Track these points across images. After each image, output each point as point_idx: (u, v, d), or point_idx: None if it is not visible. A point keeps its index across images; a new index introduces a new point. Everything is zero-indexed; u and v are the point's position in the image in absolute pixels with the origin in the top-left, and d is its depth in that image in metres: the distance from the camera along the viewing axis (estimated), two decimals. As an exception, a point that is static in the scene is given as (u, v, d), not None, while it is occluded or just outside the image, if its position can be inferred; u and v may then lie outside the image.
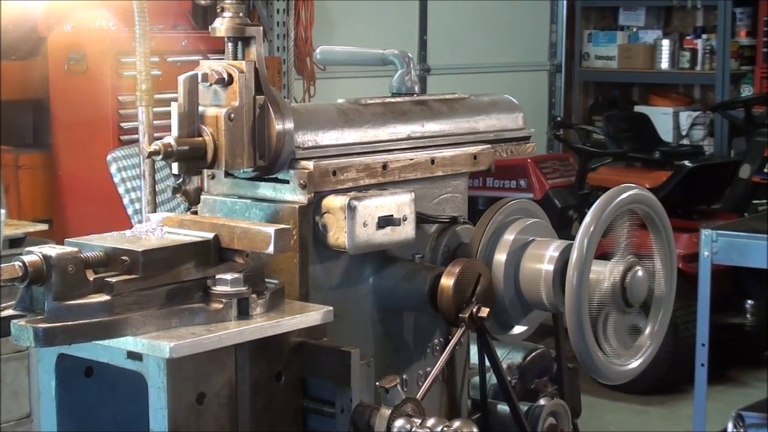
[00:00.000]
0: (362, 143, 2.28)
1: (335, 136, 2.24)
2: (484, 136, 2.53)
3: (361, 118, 2.31)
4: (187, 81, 2.05)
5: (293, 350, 2.06)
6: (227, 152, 2.07)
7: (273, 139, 2.12)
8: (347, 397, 2.03)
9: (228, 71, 2.08)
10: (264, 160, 2.13)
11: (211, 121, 2.07)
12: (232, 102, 2.08)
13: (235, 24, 2.11)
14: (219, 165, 2.08)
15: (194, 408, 1.91)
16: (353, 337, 2.21)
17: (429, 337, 2.42)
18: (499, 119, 2.58)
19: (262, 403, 2.01)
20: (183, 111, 2.05)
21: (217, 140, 2.07)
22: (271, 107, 2.13)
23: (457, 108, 2.52)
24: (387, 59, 2.52)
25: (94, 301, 1.89)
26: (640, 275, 2.38)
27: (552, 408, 2.46)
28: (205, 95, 2.10)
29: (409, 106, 2.43)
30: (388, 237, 2.21)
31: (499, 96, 2.65)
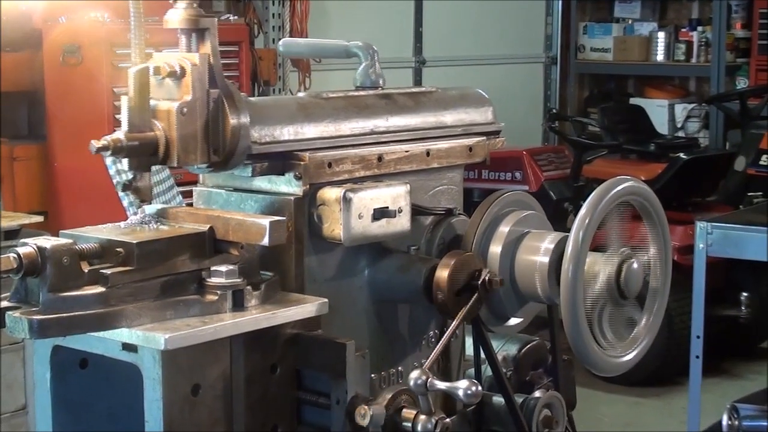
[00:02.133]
0: (323, 138, 2.22)
1: (294, 130, 2.18)
2: (451, 131, 2.48)
3: (322, 111, 2.25)
4: (139, 74, 1.99)
5: (288, 342, 2.06)
6: (180, 147, 2.00)
7: (228, 133, 2.05)
8: (342, 389, 2.03)
9: (180, 64, 2.02)
10: (218, 156, 2.06)
11: (162, 116, 2.01)
12: (184, 96, 2.01)
13: (189, 15, 2.06)
14: (171, 160, 2.02)
15: (189, 399, 1.91)
16: (348, 329, 2.20)
17: (424, 329, 2.42)
18: (467, 113, 2.53)
19: (257, 394, 2.01)
20: (134, 105, 1.99)
21: (169, 135, 2.01)
22: (226, 101, 2.05)
23: (424, 102, 2.47)
24: (351, 51, 2.46)
25: (89, 293, 1.89)
26: (635, 267, 2.38)
27: (547, 400, 2.46)
28: (157, 89, 2.03)
29: (373, 99, 2.38)
30: (383, 229, 2.21)
31: (468, 89, 2.60)
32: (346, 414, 2.02)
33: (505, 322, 2.46)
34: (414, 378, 2.09)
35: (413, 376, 2.09)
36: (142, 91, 2.00)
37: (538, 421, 2.44)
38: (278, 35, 6.35)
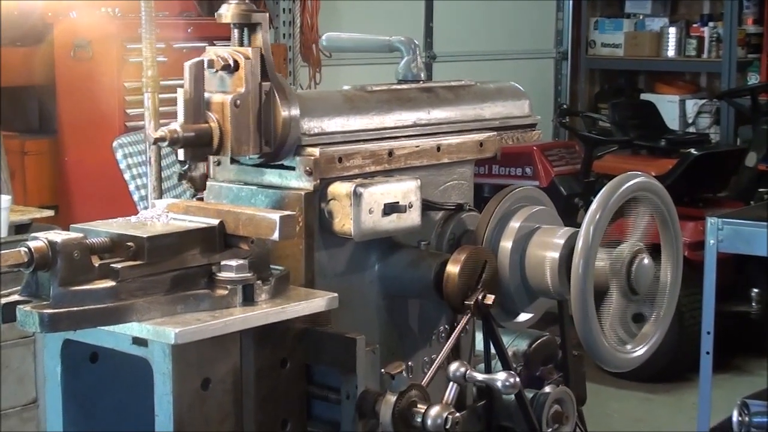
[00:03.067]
0: (368, 130, 2.27)
1: (341, 122, 2.23)
2: (489, 124, 2.52)
3: (367, 105, 2.30)
4: (193, 67, 2.04)
5: (298, 337, 2.06)
6: (233, 139, 2.06)
7: (279, 125, 2.12)
8: (352, 384, 2.03)
9: (234, 57, 2.07)
10: (270, 147, 2.12)
11: (217, 108, 2.07)
12: (238, 88, 2.07)
13: (242, 10, 2.10)
14: (225, 151, 2.07)
15: (199, 394, 1.91)
16: (358, 324, 2.20)
17: (434, 324, 2.42)
18: (505, 106, 2.57)
19: (267, 389, 2.01)
20: (189, 97, 2.04)
21: (223, 127, 2.06)
22: (278, 94, 2.12)
23: (463, 95, 2.51)
24: (393, 46, 2.51)
25: (100, 287, 1.89)
26: (646, 263, 2.37)
27: (557, 395, 2.45)
28: (211, 82, 2.09)
29: (415, 93, 2.42)
30: (393, 224, 2.21)
31: (505, 83, 2.64)
32: (356, 409, 2.02)
33: (516, 317, 2.46)
34: (453, 369, 2.12)
35: (453, 368, 2.12)
36: (196, 84, 2.05)
37: (548, 416, 2.44)
38: (288, 30, 6.35)
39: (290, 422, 2.05)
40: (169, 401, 1.87)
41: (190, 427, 1.89)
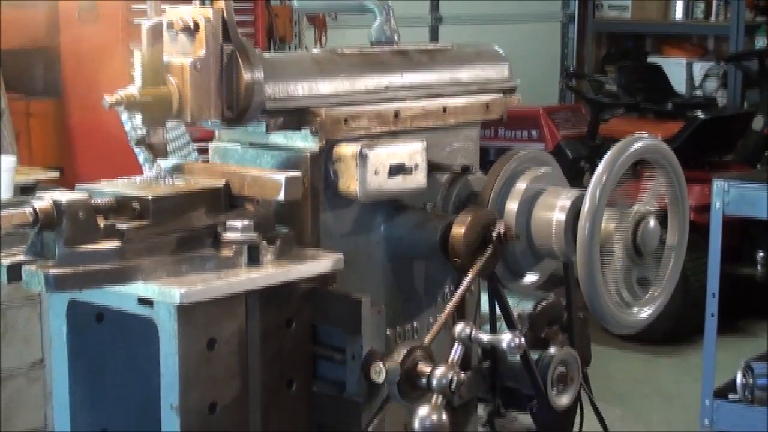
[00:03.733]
0: (337, 94, 2.21)
1: (308, 86, 2.16)
2: (466, 88, 2.46)
3: (337, 68, 2.23)
4: (152, 29, 1.98)
5: (304, 297, 2.06)
6: (193, 103, 1.99)
7: (241, 89, 2.03)
8: (358, 345, 2.03)
9: (194, 19, 2.00)
10: (232, 112, 2.04)
11: (176, 71, 1.99)
12: (198, 51, 1.99)
13: None
14: (185, 116, 2.00)
15: (204, 354, 1.91)
16: (364, 285, 2.20)
17: (440, 285, 2.42)
18: (483, 70, 2.51)
19: (273, 349, 2.01)
20: (147, 60, 1.98)
21: (182, 90, 1.98)
22: (240, 56, 2.03)
23: (439, 58, 2.44)
24: (365, 6, 2.43)
25: (105, 248, 1.89)
26: (652, 225, 2.37)
27: (562, 357, 2.46)
28: (170, 44, 2.01)
29: (388, 56, 2.36)
30: (399, 185, 2.20)
31: (484, 45, 2.58)
32: (362, 369, 2.02)
33: (521, 279, 2.46)
34: (459, 330, 2.13)
35: (458, 329, 2.13)
36: (155, 46, 1.99)
37: (553, 377, 2.44)
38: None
39: (296, 382, 2.05)
40: (174, 361, 1.87)
41: (196, 387, 1.90)
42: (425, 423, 1.98)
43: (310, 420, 2.08)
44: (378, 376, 2.01)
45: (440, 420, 1.99)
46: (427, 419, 1.98)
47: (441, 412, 1.98)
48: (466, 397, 2.46)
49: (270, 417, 2.02)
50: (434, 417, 1.99)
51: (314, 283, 2.07)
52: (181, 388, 1.88)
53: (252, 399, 2.00)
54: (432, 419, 1.99)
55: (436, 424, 1.98)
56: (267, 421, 2.01)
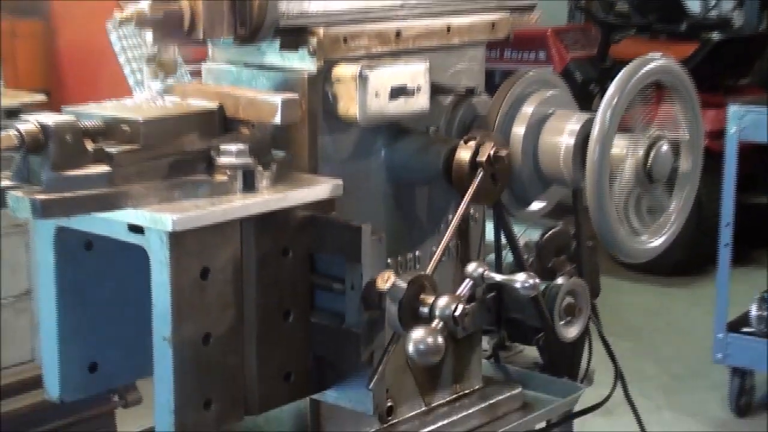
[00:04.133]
0: (354, 11, 2.20)
1: (323, 4, 2.16)
2: (483, 4, 2.45)
3: None
4: None
5: (301, 225, 2.05)
6: (205, 19, 1.98)
7: (255, 6, 2.04)
8: (357, 274, 2.02)
9: None
10: (245, 29, 2.04)
11: None
12: None
13: None
14: (196, 33, 2.00)
15: (198, 283, 1.91)
16: (364, 212, 2.20)
17: (443, 212, 2.42)
18: None
19: (269, 279, 2.01)
20: None
21: (194, 7, 1.99)
22: None
23: None
24: None
25: (94, 172, 1.88)
26: (665, 150, 2.36)
27: (570, 287, 2.46)
28: None
29: None
30: (400, 108, 2.19)
31: None
32: (361, 299, 2.02)
33: (528, 206, 2.46)
34: (471, 269, 2.12)
35: (470, 268, 2.12)
36: None
37: (561, 308, 2.45)
38: None
39: (293, 312, 2.05)
40: (166, 291, 1.87)
41: (189, 318, 1.90)
42: (419, 347, 1.95)
43: (307, 351, 2.09)
44: (385, 283, 2.00)
45: (436, 343, 1.95)
46: (421, 342, 1.95)
47: (437, 336, 1.96)
48: (470, 329, 2.45)
49: (266, 348, 2.02)
50: (429, 340, 1.96)
51: (312, 210, 2.06)
52: (174, 319, 1.88)
53: (247, 330, 2.00)
54: (427, 342, 1.95)
55: (432, 347, 1.95)
56: (263, 352, 2.01)
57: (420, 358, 1.96)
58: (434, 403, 2.47)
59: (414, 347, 1.96)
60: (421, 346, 1.95)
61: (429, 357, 1.96)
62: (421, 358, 1.96)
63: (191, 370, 1.92)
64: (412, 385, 2.43)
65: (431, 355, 1.96)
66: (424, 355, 1.96)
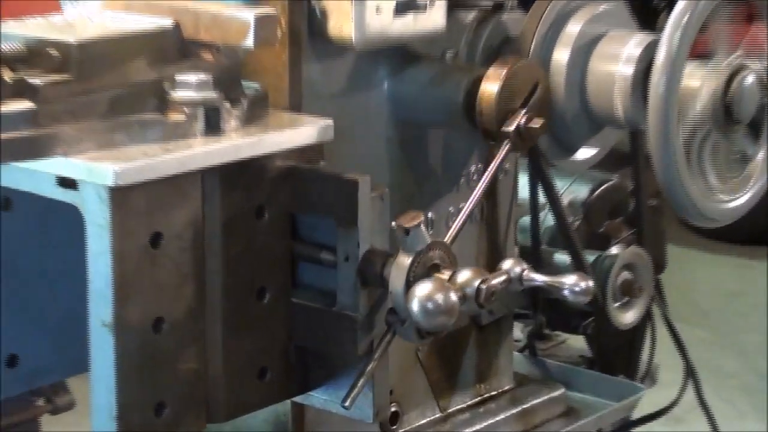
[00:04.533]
0: None
1: None
2: None
3: None
4: None
5: (280, 178, 2.05)
6: None
7: None
8: (353, 241, 2.03)
9: None
10: None
11: None
12: None
13: None
14: None
15: (147, 252, 1.91)
16: (361, 162, 2.21)
17: (463, 162, 2.43)
18: None
19: (238, 247, 2.01)
20: None
21: None
22: None
23: None
24: None
25: (13, 110, 1.87)
26: (750, 82, 2.36)
27: (628, 258, 2.47)
28: None
29: None
30: (409, 27, 2.19)
31: None
32: (358, 274, 2.03)
33: (573, 154, 2.46)
34: (507, 268, 2.11)
35: (506, 266, 2.11)
36: None
37: (615, 286, 2.46)
38: None
39: (269, 290, 2.06)
40: (107, 262, 1.87)
41: (136, 295, 1.90)
42: (426, 305, 1.96)
43: (288, 341, 2.10)
44: (381, 281, 2.01)
45: (448, 301, 1.96)
46: (429, 301, 1.96)
47: (449, 292, 1.96)
48: (498, 312, 2.48)
49: (235, 337, 2.03)
50: (439, 297, 1.96)
51: (294, 159, 2.06)
52: (116, 299, 1.88)
53: (211, 313, 2.01)
54: (436, 300, 1.96)
55: (442, 305, 1.95)
56: (231, 342, 2.02)
57: (427, 321, 1.97)
58: (452, 408, 2.49)
59: (419, 306, 1.96)
60: (429, 305, 1.96)
61: (438, 319, 1.97)
62: (428, 320, 1.97)
63: (138, 365, 1.92)
64: (423, 385, 2.44)
65: (441, 315, 1.96)
66: (433, 317, 1.96)
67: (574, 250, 2.41)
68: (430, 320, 1.97)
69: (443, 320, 1.97)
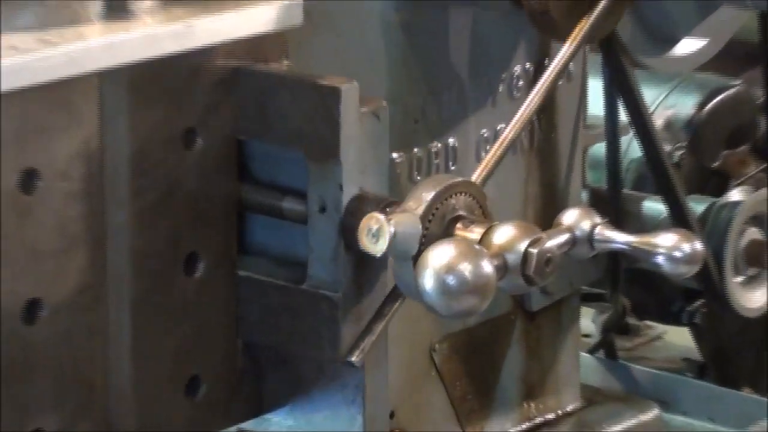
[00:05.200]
0: None
1: None
2: None
3: None
4: None
5: (220, 87, 2.06)
6: None
7: None
8: (332, 182, 2.04)
9: None
10: None
11: None
12: None
13: None
14: None
15: (15, 200, 1.90)
16: (346, 61, 2.23)
17: (502, 62, 2.44)
18: None
19: (156, 192, 2.01)
20: None
21: None
22: None
23: None
24: None
25: None
26: None
27: (756, 208, 2.47)
28: None
29: None
30: None
31: None
32: (341, 231, 2.04)
33: (673, 47, 2.46)
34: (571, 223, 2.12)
35: (569, 220, 2.12)
36: None
37: (738, 250, 2.46)
38: None
39: (202, 259, 2.07)
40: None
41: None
42: (447, 281, 1.96)
43: (231, 335, 2.11)
44: (372, 241, 2.00)
45: (479, 274, 1.96)
46: (450, 273, 1.96)
47: (480, 259, 1.96)
48: (556, 294, 2.50)
49: (149, 329, 2.04)
50: (465, 268, 1.96)
51: (242, 56, 2.08)
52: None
53: (114, 294, 2.01)
54: (461, 272, 1.96)
55: (470, 282, 1.96)
56: (143, 336, 2.03)
57: (446, 306, 1.98)
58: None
59: (436, 281, 1.96)
60: (450, 279, 1.96)
61: (464, 301, 1.98)
62: (448, 304, 1.98)
63: (3, 370, 1.92)
64: (441, 404, 2.46)
65: (468, 296, 1.97)
66: (455, 298, 1.97)
67: (674, 195, 2.40)
68: (452, 304, 1.97)
69: (471, 304, 1.97)
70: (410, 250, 2.02)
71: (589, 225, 2.10)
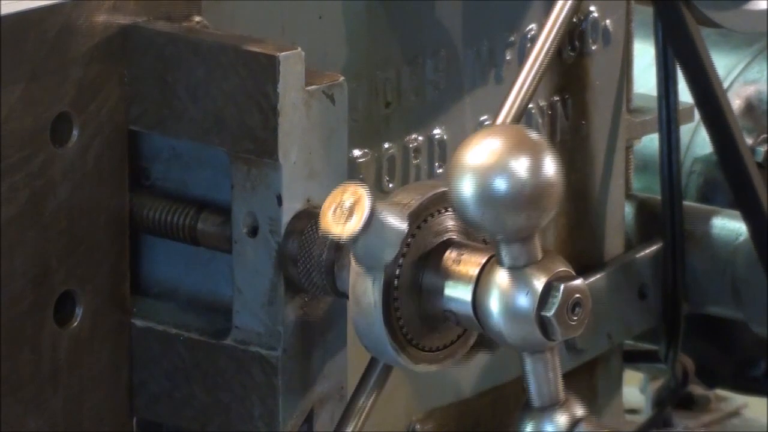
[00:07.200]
0: None
1: None
2: None
3: None
4: None
5: (103, 55, 2.05)
6: None
7: None
8: (266, 193, 2.03)
9: None
10: None
11: None
12: None
13: None
14: None
15: None
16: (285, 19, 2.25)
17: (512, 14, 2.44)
18: None
19: (13, 207, 2.00)
20: None
21: None
22: None
23: None
24: None
25: None
26: None
27: None
28: None
29: None
30: None
31: None
32: (281, 262, 2.03)
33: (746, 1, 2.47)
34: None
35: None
36: None
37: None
38: None
39: (80, 301, 2.06)
40: None
41: None
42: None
43: (123, 413, 2.10)
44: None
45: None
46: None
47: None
48: (587, 350, 2.48)
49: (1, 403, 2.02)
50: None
51: (133, 10, 2.07)
52: None
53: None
54: None
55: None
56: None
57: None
58: None
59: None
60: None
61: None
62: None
63: None
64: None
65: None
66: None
67: (757, 208, 2.40)
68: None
69: None
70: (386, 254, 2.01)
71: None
